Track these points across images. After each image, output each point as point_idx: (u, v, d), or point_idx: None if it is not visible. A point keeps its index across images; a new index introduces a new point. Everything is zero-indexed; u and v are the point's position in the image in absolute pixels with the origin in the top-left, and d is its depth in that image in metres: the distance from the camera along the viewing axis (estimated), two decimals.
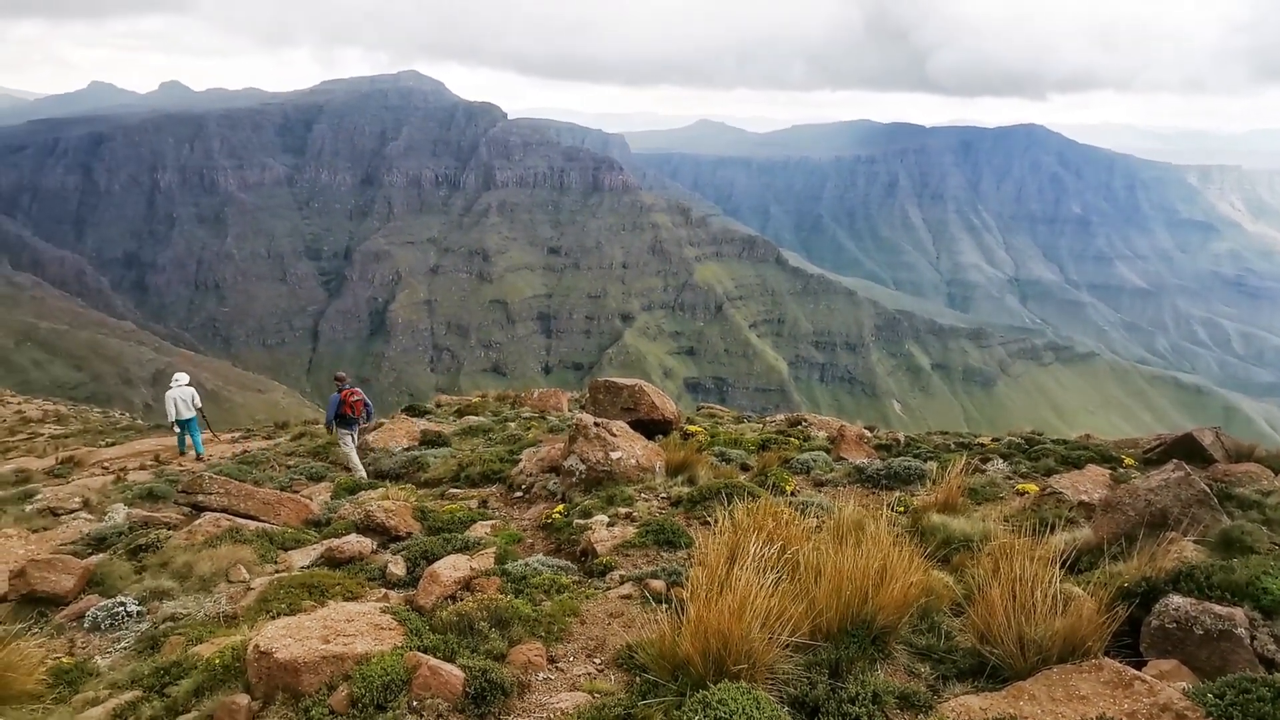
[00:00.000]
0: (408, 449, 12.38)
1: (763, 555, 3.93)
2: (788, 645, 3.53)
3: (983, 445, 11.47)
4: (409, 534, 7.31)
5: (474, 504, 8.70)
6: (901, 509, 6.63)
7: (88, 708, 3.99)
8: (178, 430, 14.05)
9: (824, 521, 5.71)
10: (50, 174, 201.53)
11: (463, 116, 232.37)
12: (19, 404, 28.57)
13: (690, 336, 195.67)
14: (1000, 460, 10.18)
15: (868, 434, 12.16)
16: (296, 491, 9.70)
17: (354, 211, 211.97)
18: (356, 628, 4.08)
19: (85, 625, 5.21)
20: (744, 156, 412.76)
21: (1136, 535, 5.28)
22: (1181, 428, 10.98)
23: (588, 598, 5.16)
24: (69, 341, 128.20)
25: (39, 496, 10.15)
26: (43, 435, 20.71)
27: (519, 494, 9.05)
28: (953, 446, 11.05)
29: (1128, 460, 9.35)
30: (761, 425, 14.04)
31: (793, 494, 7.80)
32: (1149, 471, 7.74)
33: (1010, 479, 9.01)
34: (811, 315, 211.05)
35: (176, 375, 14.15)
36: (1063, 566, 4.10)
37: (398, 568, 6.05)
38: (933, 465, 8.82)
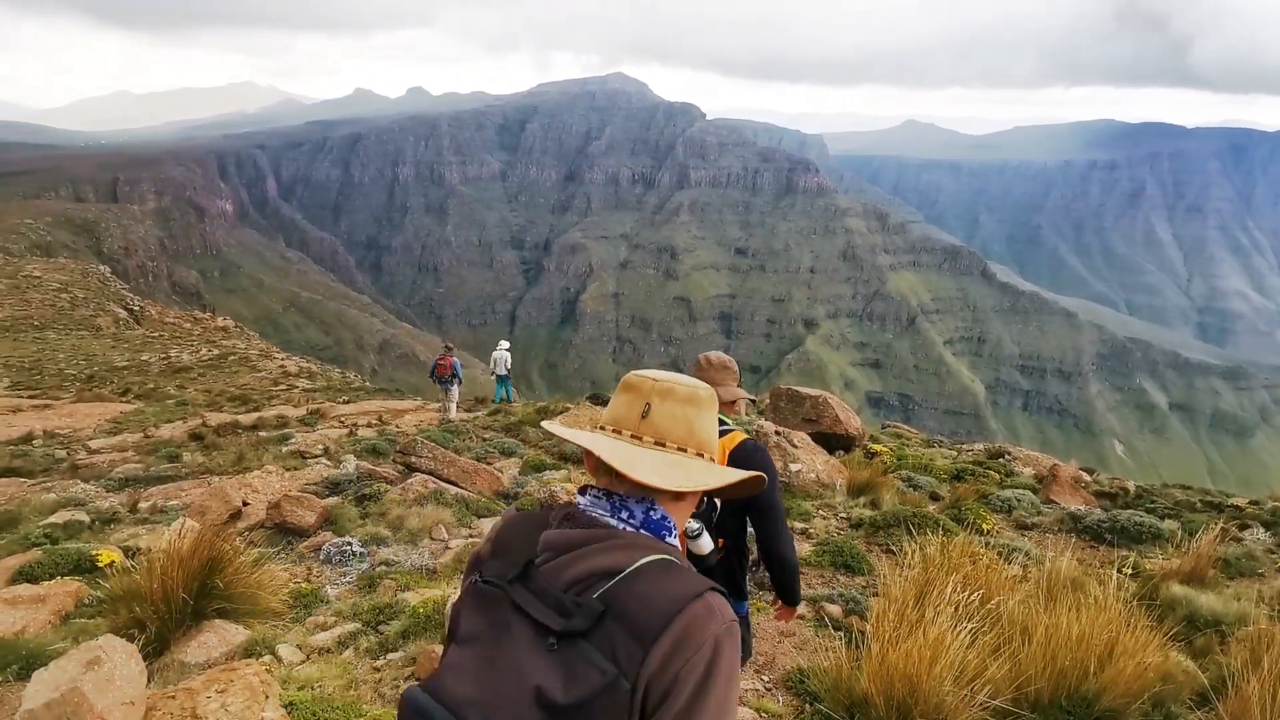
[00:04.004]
0: None
1: (959, 600, 3.59)
2: (986, 707, 3.18)
3: (1238, 508, 9.63)
4: None
5: None
6: (1130, 572, 5.74)
7: (318, 631, 4.59)
8: (495, 381, 18.53)
9: (1030, 572, 5.12)
10: (319, 167, 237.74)
11: (662, 117, 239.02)
12: (282, 360, 34.04)
13: (877, 348, 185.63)
14: (1261, 529, 8.52)
15: (1085, 477, 10.72)
16: (490, 463, 10.53)
17: (555, 206, 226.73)
18: None
19: (320, 557, 6.03)
20: (953, 160, 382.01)
21: None
22: None
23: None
24: (321, 310, 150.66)
25: (292, 440, 11.98)
26: (298, 388, 24.45)
27: None
28: (1199, 505, 9.39)
29: None
30: (956, 453, 12.91)
31: (990, 534, 7.07)
32: None
33: (1273, 553, 7.50)
34: (1019, 336, 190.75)
35: (502, 341, 18.59)
36: None
37: None
38: (1172, 524, 7.55)
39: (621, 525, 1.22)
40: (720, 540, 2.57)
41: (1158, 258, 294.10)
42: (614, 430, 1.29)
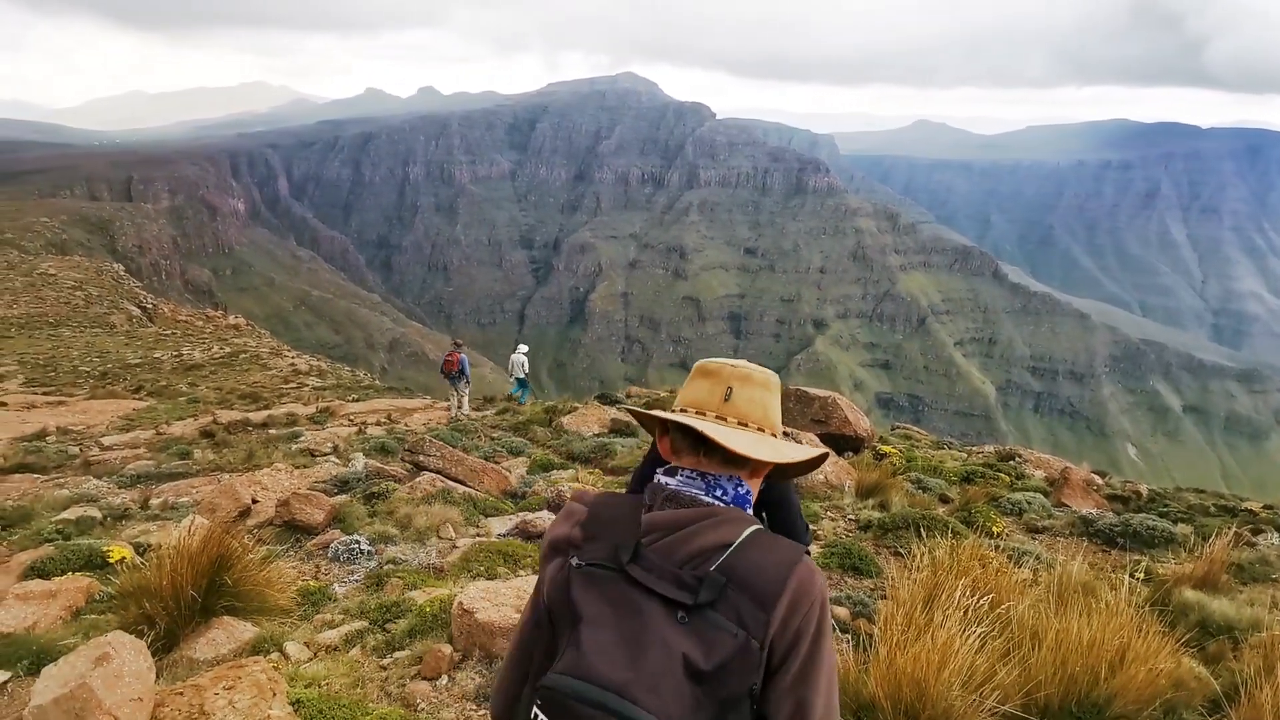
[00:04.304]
0: (598, 435, 12.96)
1: (969, 604, 3.56)
2: (995, 713, 3.15)
3: (1252, 512, 9.52)
4: None
5: None
6: (1142, 577, 5.69)
7: (325, 629, 4.60)
8: (513, 383, 18.87)
9: (1040, 576, 5.08)
10: (330, 166, 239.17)
11: (672, 116, 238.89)
12: (293, 358, 34.25)
13: (887, 349, 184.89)
14: (1275, 533, 8.43)
15: (1097, 480, 10.62)
16: (498, 463, 10.54)
17: (565, 205, 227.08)
18: None
19: (328, 555, 6.05)
20: (965, 160, 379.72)
21: None
22: None
23: None
24: (332, 308, 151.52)
25: (302, 438, 12.05)
26: (308, 386, 24.58)
27: None
28: (1213, 510, 9.30)
29: None
30: (966, 455, 12.83)
31: (1000, 537, 7.02)
32: None
33: None
34: (1030, 337, 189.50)
35: (520, 345, 18.98)
36: None
37: None
38: (1185, 529, 7.47)
39: (716, 502, 1.34)
40: None
41: (1172, 259, 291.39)
42: (696, 413, 1.38)
